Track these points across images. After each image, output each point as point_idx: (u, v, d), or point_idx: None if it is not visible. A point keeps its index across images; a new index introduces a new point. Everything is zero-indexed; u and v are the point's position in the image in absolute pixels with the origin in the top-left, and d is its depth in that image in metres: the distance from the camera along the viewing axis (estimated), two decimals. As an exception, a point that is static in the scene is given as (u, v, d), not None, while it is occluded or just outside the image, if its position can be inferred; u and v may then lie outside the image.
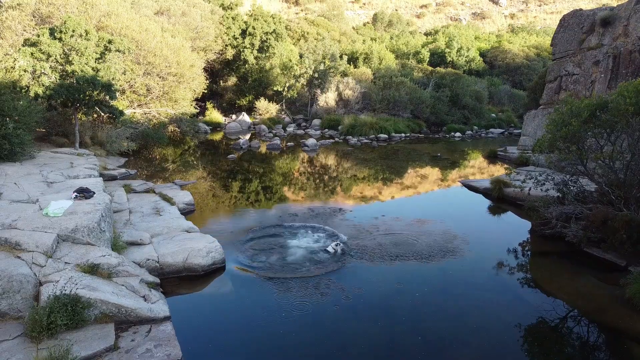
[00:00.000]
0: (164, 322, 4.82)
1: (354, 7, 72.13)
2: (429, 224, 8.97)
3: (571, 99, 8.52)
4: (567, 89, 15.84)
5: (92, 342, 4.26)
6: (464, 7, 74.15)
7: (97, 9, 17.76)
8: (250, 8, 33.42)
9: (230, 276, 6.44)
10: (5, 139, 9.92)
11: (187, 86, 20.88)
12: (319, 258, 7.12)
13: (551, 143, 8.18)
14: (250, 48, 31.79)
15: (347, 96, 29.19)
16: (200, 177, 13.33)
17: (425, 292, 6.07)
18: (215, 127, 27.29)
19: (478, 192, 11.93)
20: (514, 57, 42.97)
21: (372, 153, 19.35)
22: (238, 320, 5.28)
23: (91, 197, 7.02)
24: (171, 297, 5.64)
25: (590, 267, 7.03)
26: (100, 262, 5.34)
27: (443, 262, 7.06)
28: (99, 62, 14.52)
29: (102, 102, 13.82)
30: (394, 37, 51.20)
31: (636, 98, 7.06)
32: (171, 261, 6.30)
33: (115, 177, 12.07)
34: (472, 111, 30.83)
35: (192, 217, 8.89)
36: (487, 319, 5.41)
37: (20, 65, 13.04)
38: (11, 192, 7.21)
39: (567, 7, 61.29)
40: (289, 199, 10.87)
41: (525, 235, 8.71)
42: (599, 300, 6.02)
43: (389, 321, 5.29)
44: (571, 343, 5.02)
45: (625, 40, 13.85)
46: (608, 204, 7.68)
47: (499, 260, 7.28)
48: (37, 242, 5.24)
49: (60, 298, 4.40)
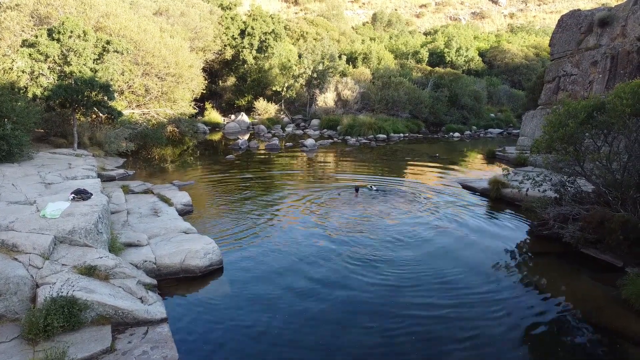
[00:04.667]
0: (161, 324, 4.83)
1: (353, 7, 72.15)
2: (426, 225, 8.98)
3: (568, 100, 8.56)
4: (566, 89, 15.87)
5: (89, 344, 4.26)
6: (463, 6, 74.18)
7: (96, 10, 17.75)
8: (249, 8, 33.43)
9: (228, 278, 6.45)
10: (3, 140, 9.92)
11: (186, 86, 20.88)
12: (317, 259, 7.13)
13: (548, 144, 8.20)
14: (249, 48, 31.80)
15: (346, 96, 29.21)
16: (199, 178, 13.33)
17: (421, 292, 6.08)
18: (214, 127, 27.29)
19: (476, 192, 11.94)
20: (513, 57, 43.02)
21: (370, 153, 19.35)
22: (235, 322, 5.28)
23: (89, 198, 7.01)
24: (168, 299, 5.65)
25: (587, 268, 7.05)
26: (97, 263, 5.35)
27: (440, 263, 7.07)
28: (97, 62, 14.52)
29: (100, 102, 13.81)
30: (393, 37, 51.26)
31: (633, 99, 7.08)
32: (168, 262, 6.30)
33: (114, 178, 12.07)
34: (470, 111, 30.86)
35: (190, 218, 8.89)
36: (484, 319, 5.42)
37: (19, 66, 13.03)
38: (9, 194, 7.21)
39: (566, 6, 61.33)
40: (288, 199, 10.88)
41: (523, 235, 8.72)
42: (595, 300, 6.04)
43: (386, 322, 5.30)
44: (567, 343, 5.04)
45: (623, 40, 13.88)
46: (605, 204, 7.70)
47: (496, 260, 7.29)
48: (34, 243, 5.24)
49: (57, 300, 4.40)
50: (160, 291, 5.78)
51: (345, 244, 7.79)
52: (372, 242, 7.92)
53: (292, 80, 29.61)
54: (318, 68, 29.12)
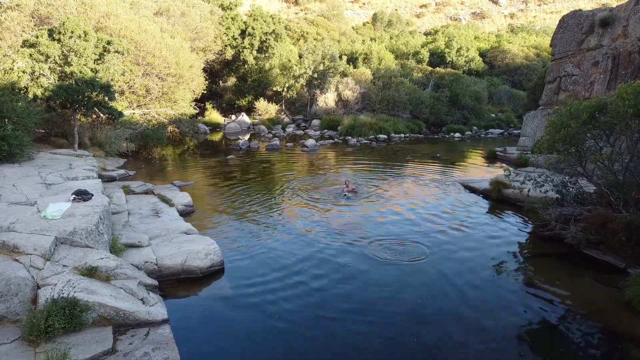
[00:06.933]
0: (162, 325, 4.82)
1: (354, 7, 72.14)
2: (427, 225, 8.96)
3: (570, 100, 8.53)
4: (567, 89, 15.84)
5: (90, 345, 4.25)
6: (463, 6, 74.16)
7: (96, 10, 17.76)
8: (250, 8, 33.43)
9: (229, 278, 6.44)
10: (4, 141, 9.92)
11: (187, 87, 20.88)
12: (318, 260, 7.12)
13: (550, 145, 8.17)
14: (250, 48, 31.80)
15: (347, 96, 29.18)
16: (200, 178, 13.32)
17: (423, 293, 6.07)
18: (214, 128, 27.29)
19: (477, 193, 11.91)
20: (514, 57, 42.96)
21: (371, 154, 19.34)
22: (236, 323, 5.27)
23: (90, 199, 7.01)
24: (169, 300, 5.63)
25: (589, 269, 7.02)
26: (98, 264, 5.34)
27: (441, 264, 7.05)
28: (97, 63, 14.52)
29: (101, 103, 13.82)
30: (393, 37, 51.24)
31: (635, 100, 7.05)
32: (169, 263, 6.29)
33: (114, 178, 12.06)
34: (471, 111, 30.82)
35: (191, 219, 8.88)
36: (486, 320, 5.40)
37: (19, 67, 13.04)
38: (9, 194, 7.20)
39: (567, 6, 61.32)
40: (288, 200, 10.86)
41: (525, 236, 8.70)
42: (597, 302, 6.02)
43: (387, 323, 5.28)
44: (569, 345, 5.02)
45: (624, 41, 13.85)
46: (607, 205, 7.68)
47: (497, 262, 7.28)
48: (35, 244, 5.23)
49: (58, 301, 4.39)
50: (162, 292, 5.77)
51: (346, 245, 7.78)
52: (373, 242, 7.90)
53: (293, 80, 29.60)
54: (319, 68, 29.11)
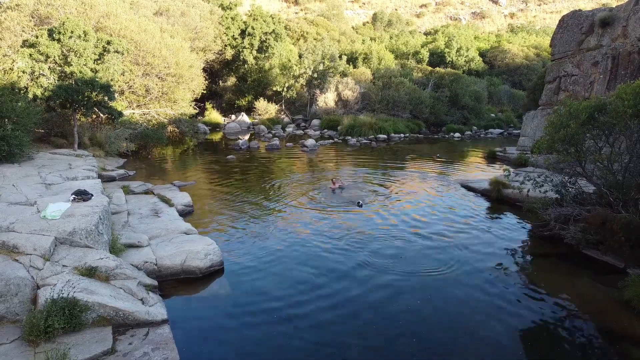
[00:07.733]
0: (162, 325, 4.82)
1: (354, 7, 72.11)
2: (427, 225, 8.97)
3: (570, 100, 8.53)
4: (566, 89, 15.84)
5: (90, 345, 4.26)
6: (463, 6, 74.14)
7: (96, 10, 17.75)
8: (250, 8, 33.43)
9: (229, 279, 6.44)
10: (4, 141, 9.92)
11: (186, 87, 20.88)
12: (317, 260, 7.12)
13: (550, 145, 8.18)
14: (250, 48, 31.80)
15: (347, 96, 29.18)
16: (199, 178, 13.32)
17: (422, 294, 6.07)
18: (214, 128, 27.30)
19: (476, 193, 11.92)
20: (514, 57, 42.97)
21: (371, 154, 19.34)
22: (236, 323, 5.27)
23: (89, 199, 7.01)
24: (169, 300, 5.64)
25: (588, 269, 7.03)
26: (98, 264, 5.34)
27: (440, 264, 7.05)
28: (97, 63, 14.52)
29: (100, 103, 13.81)
30: (393, 37, 51.25)
31: (634, 100, 7.06)
32: (169, 264, 6.29)
33: (114, 178, 12.07)
34: (471, 111, 30.83)
35: (190, 219, 8.88)
36: (485, 321, 5.41)
37: (19, 67, 13.04)
38: (9, 194, 7.20)
39: (567, 6, 61.33)
40: (288, 200, 10.86)
41: (524, 236, 8.71)
42: (597, 302, 6.03)
43: (386, 324, 5.29)
44: (569, 345, 5.02)
45: (624, 41, 13.86)
46: (606, 205, 7.68)
47: (497, 262, 7.28)
48: (34, 245, 5.24)
49: (57, 301, 4.40)
50: (161, 292, 5.78)
51: (346, 245, 7.78)
52: (373, 243, 7.91)
53: (293, 80, 29.61)
54: (318, 68, 29.11)
